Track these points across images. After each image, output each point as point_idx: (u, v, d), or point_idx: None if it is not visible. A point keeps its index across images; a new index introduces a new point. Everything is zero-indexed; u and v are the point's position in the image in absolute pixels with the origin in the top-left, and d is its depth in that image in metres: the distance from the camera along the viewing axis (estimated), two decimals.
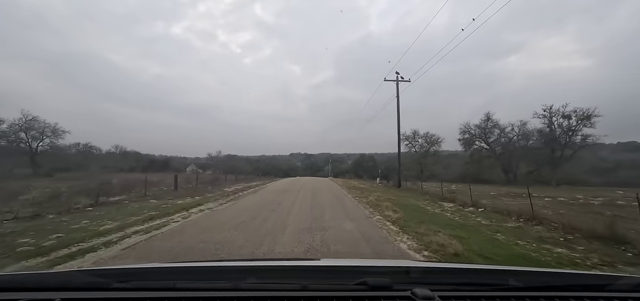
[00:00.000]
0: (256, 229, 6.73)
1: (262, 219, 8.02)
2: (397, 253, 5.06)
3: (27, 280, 1.17)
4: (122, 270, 1.33)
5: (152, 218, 7.78)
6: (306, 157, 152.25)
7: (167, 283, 1.13)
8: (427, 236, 6.08)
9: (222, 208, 10.59)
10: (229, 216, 8.57)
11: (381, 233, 6.63)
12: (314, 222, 7.65)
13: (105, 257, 4.62)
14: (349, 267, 1.50)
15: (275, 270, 1.42)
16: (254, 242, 5.56)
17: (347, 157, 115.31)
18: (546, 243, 5.90)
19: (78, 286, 1.11)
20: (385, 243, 5.75)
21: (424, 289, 1.05)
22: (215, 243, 5.42)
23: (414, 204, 12.29)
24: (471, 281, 1.24)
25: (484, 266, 1.84)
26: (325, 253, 4.93)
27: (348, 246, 5.42)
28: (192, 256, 4.67)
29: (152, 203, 11.21)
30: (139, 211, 9.18)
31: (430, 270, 1.55)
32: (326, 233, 6.32)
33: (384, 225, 7.58)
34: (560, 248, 5.58)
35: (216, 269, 1.41)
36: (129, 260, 4.51)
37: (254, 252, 4.99)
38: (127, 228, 6.54)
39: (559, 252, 5.33)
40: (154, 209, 9.53)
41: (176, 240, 5.65)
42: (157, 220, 7.65)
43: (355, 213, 9.65)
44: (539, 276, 1.37)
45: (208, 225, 7.15)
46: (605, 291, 1.17)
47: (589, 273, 2.05)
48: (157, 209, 9.54)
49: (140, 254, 4.80)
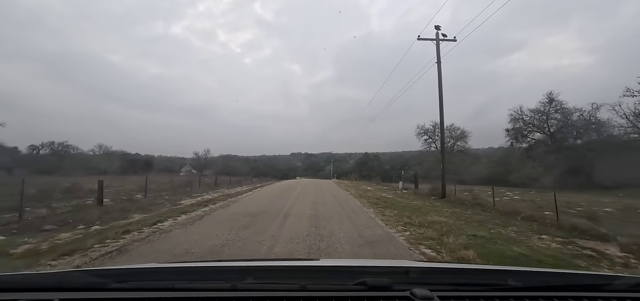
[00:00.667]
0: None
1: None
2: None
3: (26, 280, 1.17)
4: (120, 270, 1.34)
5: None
6: (307, 157, 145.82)
7: (166, 283, 1.13)
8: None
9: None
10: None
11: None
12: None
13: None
14: (348, 267, 1.50)
15: (273, 270, 1.40)
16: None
17: (349, 157, 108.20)
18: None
19: (76, 286, 1.10)
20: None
21: (423, 289, 1.04)
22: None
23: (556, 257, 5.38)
24: (470, 282, 1.23)
25: (482, 267, 2.05)
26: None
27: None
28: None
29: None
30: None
31: (429, 270, 1.52)
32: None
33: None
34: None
35: (215, 269, 1.41)
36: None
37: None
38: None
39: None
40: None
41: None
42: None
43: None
44: (538, 276, 1.36)
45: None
46: (603, 291, 1.17)
47: (587, 273, 1.83)
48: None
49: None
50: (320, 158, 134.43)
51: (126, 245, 5.37)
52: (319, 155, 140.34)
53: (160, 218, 8.22)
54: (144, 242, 5.63)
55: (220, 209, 10.87)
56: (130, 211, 9.61)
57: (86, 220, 7.83)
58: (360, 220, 8.43)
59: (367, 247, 5.43)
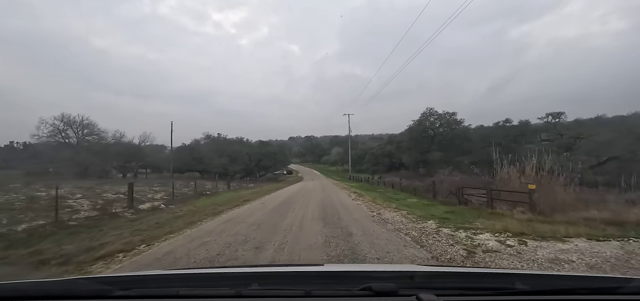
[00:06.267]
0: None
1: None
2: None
3: (30, 288, 1.16)
4: (125, 278, 1.32)
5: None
6: (306, 140, 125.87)
7: (170, 290, 1.12)
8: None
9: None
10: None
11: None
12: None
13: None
14: (353, 272, 1.46)
15: (278, 276, 1.38)
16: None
17: (359, 139, 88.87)
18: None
19: (80, 294, 1.11)
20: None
21: (429, 294, 1.02)
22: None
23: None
24: (477, 286, 1.21)
25: (489, 270, 2.11)
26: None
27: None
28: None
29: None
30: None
31: (436, 274, 1.47)
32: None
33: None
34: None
35: (219, 276, 1.40)
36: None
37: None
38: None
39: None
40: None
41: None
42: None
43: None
44: (546, 280, 1.33)
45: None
46: (615, 294, 1.14)
47: (597, 275, 1.79)
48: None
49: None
50: (323, 141, 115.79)
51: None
52: (320, 138, 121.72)
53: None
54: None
55: None
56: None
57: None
58: None
59: None
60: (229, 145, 44.07)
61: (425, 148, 38.83)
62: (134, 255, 4.76)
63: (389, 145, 51.95)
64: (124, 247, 5.10)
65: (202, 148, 41.63)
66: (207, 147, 42.39)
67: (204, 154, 39.16)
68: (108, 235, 6.29)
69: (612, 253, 4.38)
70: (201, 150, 40.90)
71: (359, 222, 7.57)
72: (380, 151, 52.06)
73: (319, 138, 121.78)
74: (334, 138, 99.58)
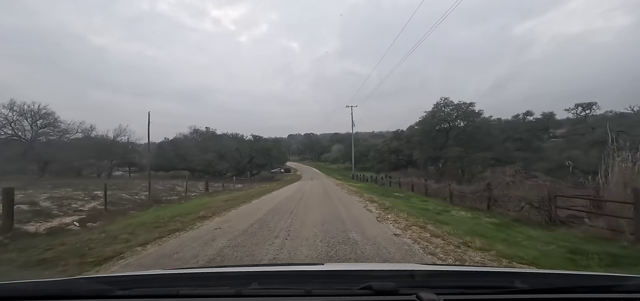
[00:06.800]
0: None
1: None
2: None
3: (30, 288, 1.15)
4: (125, 278, 1.30)
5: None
6: (306, 138, 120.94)
7: (170, 289, 1.11)
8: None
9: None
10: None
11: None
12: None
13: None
14: (353, 271, 1.44)
15: (278, 276, 1.35)
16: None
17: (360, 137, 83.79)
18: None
19: (80, 294, 1.09)
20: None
21: (430, 293, 1.01)
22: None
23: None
24: (476, 284, 1.20)
25: (489, 269, 2.07)
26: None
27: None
28: None
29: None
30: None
31: (435, 273, 1.44)
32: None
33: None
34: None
35: (219, 275, 1.38)
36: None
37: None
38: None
39: None
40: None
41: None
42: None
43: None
44: (546, 278, 1.31)
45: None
46: (613, 292, 1.13)
47: (596, 274, 1.72)
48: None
49: None
50: (323, 139, 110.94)
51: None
52: (320, 136, 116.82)
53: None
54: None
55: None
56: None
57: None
58: None
59: None
60: (217, 140, 39.08)
61: (441, 143, 33.90)
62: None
63: (396, 140, 47.08)
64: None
65: (186, 143, 36.62)
66: (193, 142, 37.46)
67: (188, 150, 34.25)
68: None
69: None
70: (185, 146, 35.95)
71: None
72: (386, 147, 47.19)
73: (319, 136, 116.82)
74: (334, 136, 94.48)
